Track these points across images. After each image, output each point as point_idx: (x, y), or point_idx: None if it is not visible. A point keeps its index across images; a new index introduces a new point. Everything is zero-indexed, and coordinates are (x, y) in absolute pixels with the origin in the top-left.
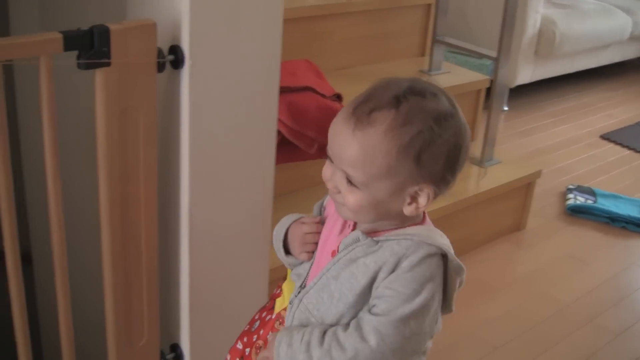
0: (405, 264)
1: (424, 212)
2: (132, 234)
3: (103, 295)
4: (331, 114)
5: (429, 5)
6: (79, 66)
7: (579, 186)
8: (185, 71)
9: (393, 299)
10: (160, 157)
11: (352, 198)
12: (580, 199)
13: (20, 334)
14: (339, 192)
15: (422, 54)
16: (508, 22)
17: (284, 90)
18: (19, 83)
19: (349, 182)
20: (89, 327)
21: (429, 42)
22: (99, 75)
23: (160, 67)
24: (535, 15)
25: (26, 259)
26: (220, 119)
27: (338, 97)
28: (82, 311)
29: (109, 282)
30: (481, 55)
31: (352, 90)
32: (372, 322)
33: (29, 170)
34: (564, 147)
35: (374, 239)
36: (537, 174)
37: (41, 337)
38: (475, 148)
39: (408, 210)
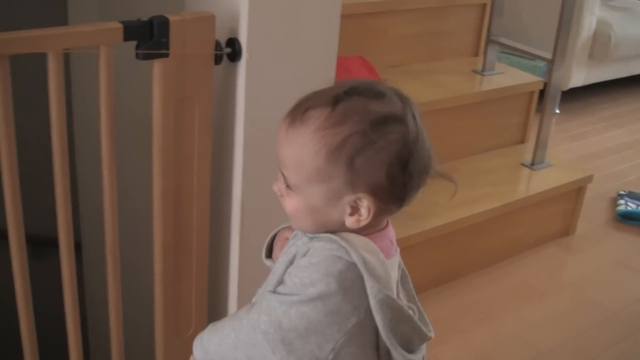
0: (306, 256)
1: (387, 220)
2: (183, 225)
3: (152, 285)
4: None
5: (484, 5)
6: (138, 56)
7: (630, 192)
8: (242, 64)
9: (286, 285)
10: (214, 148)
11: (288, 202)
12: (632, 205)
13: (70, 320)
14: (282, 195)
15: (476, 54)
16: (564, 23)
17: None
18: (74, 72)
19: (287, 185)
20: (137, 317)
21: (482, 42)
22: (157, 65)
23: (218, 60)
24: (591, 17)
25: (75, 247)
26: (275, 112)
27: None
28: (130, 300)
29: (158, 272)
30: (535, 57)
31: (404, 88)
32: (268, 298)
33: (81, 158)
34: (616, 152)
35: (309, 236)
36: (589, 179)
37: (88, 324)
38: (526, 151)
39: (349, 221)
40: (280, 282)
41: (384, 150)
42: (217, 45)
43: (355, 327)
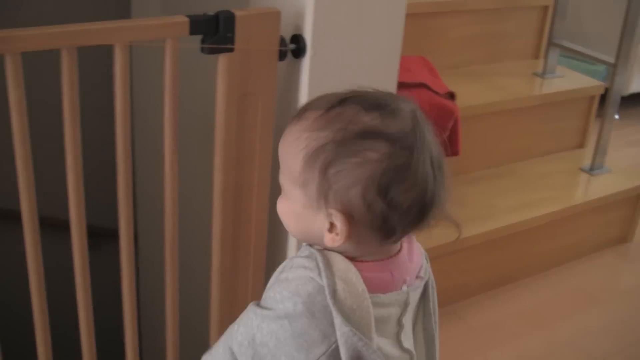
0: (285, 270)
1: (398, 250)
2: (242, 221)
3: (208, 281)
4: (444, 112)
5: (546, 7)
6: (203, 50)
7: None
8: (306, 61)
9: (264, 298)
10: (275, 144)
11: (278, 202)
12: None
13: (128, 310)
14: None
15: (536, 57)
16: (629, 27)
17: (399, 86)
18: (135, 67)
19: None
20: (191, 312)
21: (543, 45)
22: (222, 60)
23: (282, 56)
24: None
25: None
26: None
27: (451, 95)
28: (185, 295)
29: (216, 267)
30: (598, 61)
31: (465, 89)
32: (248, 309)
33: (139, 151)
34: None
35: (307, 246)
36: None
37: (141, 318)
38: (585, 155)
39: (327, 238)
40: None
41: (358, 167)
42: (282, 41)
43: (325, 357)
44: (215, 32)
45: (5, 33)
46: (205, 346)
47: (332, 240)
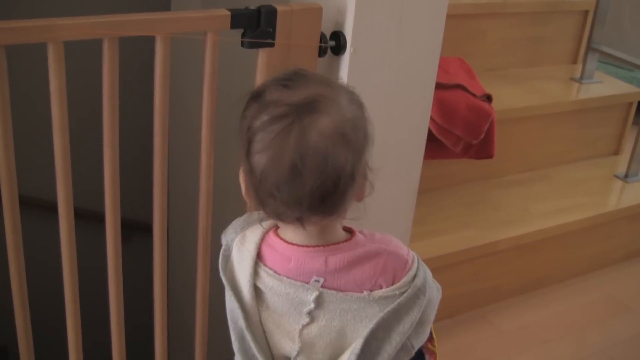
0: None
1: (315, 244)
2: None
3: None
4: (481, 114)
5: (587, 11)
6: (243, 45)
7: None
8: (346, 58)
9: None
10: None
11: None
12: None
13: (158, 304)
14: None
15: (574, 61)
16: None
17: (436, 86)
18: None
19: None
20: (220, 303)
21: (582, 50)
22: (262, 55)
23: (322, 52)
24: None
25: None
26: (376, 108)
27: (488, 98)
28: (214, 287)
29: None
30: (637, 67)
31: (502, 92)
32: None
33: (172, 143)
34: None
35: None
36: None
37: (169, 309)
38: (621, 162)
39: None
40: None
41: (241, 123)
42: (322, 37)
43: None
44: (257, 26)
45: (48, 22)
46: (230, 343)
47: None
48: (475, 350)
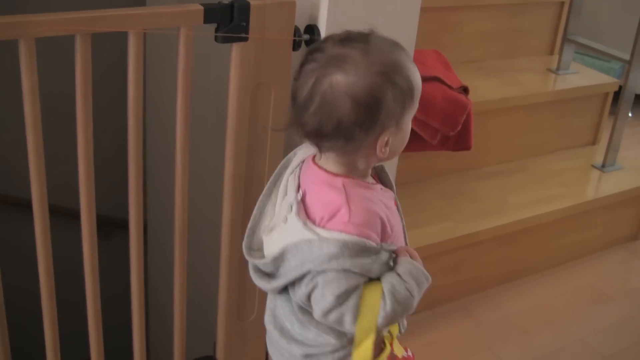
0: None
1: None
2: (252, 209)
3: (217, 269)
4: (457, 106)
5: (562, 3)
6: (217, 39)
7: None
8: None
9: None
10: (288, 135)
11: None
12: None
13: (135, 299)
14: None
15: (551, 53)
16: None
17: None
18: (149, 55)
19: None
20: (200, 300)
21: (558, 41)
22: (236, 49)
23: (296, 46)
24: None
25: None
26: None
27: (465, 90)
28: (194, 283)
29: (225, 255)
30: (613, 58)
31: (479, 84)
32: None
33: (151, 139)
34: None
35: None
36: None
37: (148, 306)
38: (598, 152)
39: None
40: None
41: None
42: (296, 31)
43: None
44: (230, 20)
45: (20, 18)
46: (212, 334)
47: None
48: (455, 342)
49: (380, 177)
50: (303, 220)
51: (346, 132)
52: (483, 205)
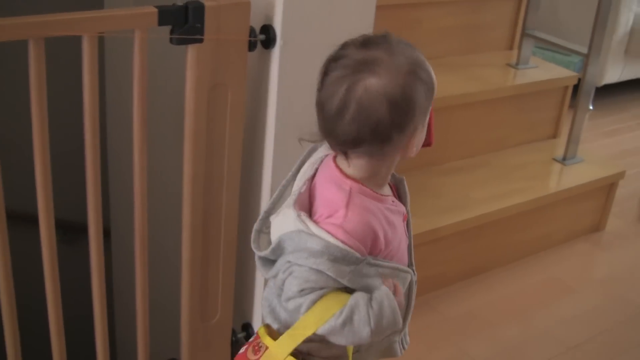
0: None
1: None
2: (213, 210)
3: (180, 271)
4: None
5: None
6: (172, 41)
7: None
8: (276, 51)
9: None
10: (246, 135)
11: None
12: None
13: (97, 304)
14: None
15: (511, 48)
16: (601, 18)
17: None
18: (107, 57)
19: None
20: (165, 303)
21: (518, 36)
22: (191, 51)
23: (252, 46)
24: (628, 13)
25: (105, 234)
26: (308, 100)
27: None
28: (159, 286)
29: (187, 257)
30: (571, 52)
31: (440, 80)
32: None
33: (113, 143)
34: None
35: None
36: (621, 175)
37: (115, 311)
38: (559, 146)
39: None
40: None
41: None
42: (252, 31)
43: None
44: (185, 22)
45: None
46: (177, 336)
47: None
48: (421, 338)
49: (398, 188)
50: (297, 212)
51: (383, 134)
52: (446, 200)
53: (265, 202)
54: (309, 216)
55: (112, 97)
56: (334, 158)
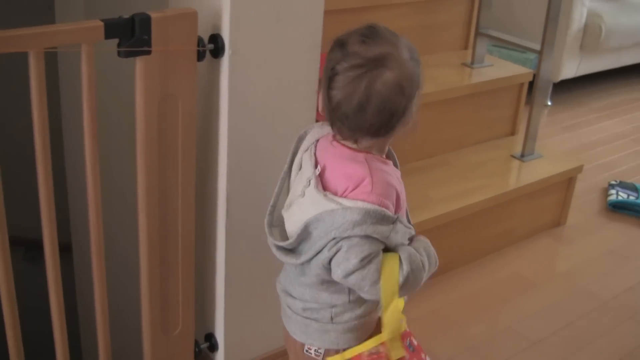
0: None
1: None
2: (169, 222)
3: (139, 283)
4: None
5: None
6: (120, 54)
7: (621, 182)
8: (225, 60)
9: None
10: (199, 144)
11: None
12: (623, 195)
13: (56, 320)
14: None
15: (466, 47)
16: (552, 14)
17: (320, 82)
18: (62, 72)
19: None
20: (127, 316)
21: (472, 35)
22: (140, 63)
23: (200, 56)
24: (582, 8)
25: (66, 248)
26: (259, 108)
27: None
28: (120, 299)
29: (145, 269)
30: (524, 48)
31: None
32: None
33: (71, 159)
34: (608, 143)
35: None
36: (579, 169)
37: (79, 325)
38: (517, 143)
39: None
40: None
41: (326, 63)
42: (200, 41)
43: None
44: (132, 35)
45: None
46: (138, 345)
47: None
48: None
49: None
50: (323, 193)
51: (400, 118)
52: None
53: (221, 210)
54: (336, 194)
55: (67, 111)
56: (334, 138)
